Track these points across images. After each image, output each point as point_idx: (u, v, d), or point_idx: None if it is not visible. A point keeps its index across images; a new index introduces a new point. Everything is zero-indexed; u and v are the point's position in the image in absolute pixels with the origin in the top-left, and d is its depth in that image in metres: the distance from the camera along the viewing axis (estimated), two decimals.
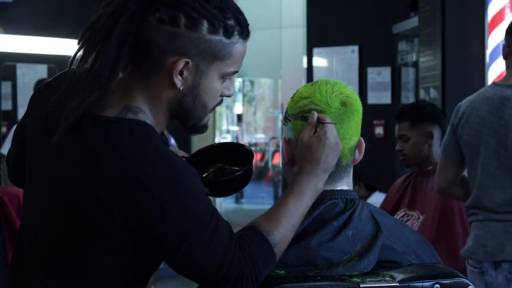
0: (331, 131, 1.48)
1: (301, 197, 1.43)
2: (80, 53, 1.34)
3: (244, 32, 1.39)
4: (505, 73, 2.59)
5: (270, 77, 10.43)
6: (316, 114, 1.50)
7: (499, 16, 3.95)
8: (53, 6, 5.67)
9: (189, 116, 1.40)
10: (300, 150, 1.49)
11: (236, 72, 1.43)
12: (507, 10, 3.94)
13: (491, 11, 3.96)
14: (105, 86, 1.32)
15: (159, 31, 1.32)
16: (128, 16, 1.32)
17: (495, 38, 3.96)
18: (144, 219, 1.28)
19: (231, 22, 1.36)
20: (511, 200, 2.43)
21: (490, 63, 3.97)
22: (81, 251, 1.34)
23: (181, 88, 1.36)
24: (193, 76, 1.36)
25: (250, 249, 1.34)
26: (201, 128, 1.44)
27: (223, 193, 1.64)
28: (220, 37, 1.35)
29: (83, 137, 1.32)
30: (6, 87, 5.97)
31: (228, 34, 1.36)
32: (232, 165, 1.63)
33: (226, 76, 1.40)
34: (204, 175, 1.62)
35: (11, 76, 5.96)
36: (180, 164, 1.32)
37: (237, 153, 1.64)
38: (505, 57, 2.57)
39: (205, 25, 1.33)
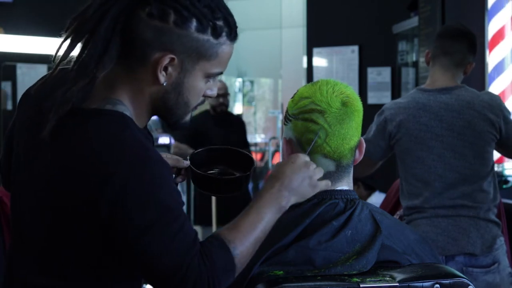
0: (317, 174, 1.47)
1: (261, 210, 1.40)
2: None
3: (232, 33, 1.39)
4: (429, 78, 2.72)
5: (270, 77, 10.42)
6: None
7: (500, 15, 3.95)
8: (53, 6, 5.66)
9: (171, 113, 1.40)
10: (283, 164, 1.47)
11: (221, 73, 1.43)
12: (506, 7, 3.95)
13: (491, 10, 3.96)
14: (90, 77, 1.32)
15: (147, 25, 1.33)
16: (118, 8, 1.32)
17: (495, 37, 3.96)
18: (112, 207, 1.27)
19: (220, 23, 1.36)
20: (458, 201, 2.55)
21: (490, 62, 3.98)
22: (64, 246, 1.33)
23: (164, 84, 1.36)
24: (177, 73, 1.36)
25: (211, 256, 1.32)
26: (183, 126, 1.44)
27: (221, 192, 1.65)
28: (208, 37, 1.35)
29: (64, 130, 1.32)
30: (6, 87, 5.96)
31: (216, 34, 1.36)
32: (233, 169, 1.66)
33: (211, 77, 1.40)
34: (210, 172, 1.64)
35: (11, 76, 5.96)
36: (154, 155, 1.32)
37: (238, 159, 1.66)
38: (427, 62, 2.73)
39: (194, 23, 1.33)
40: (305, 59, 5.91)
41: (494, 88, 3.93)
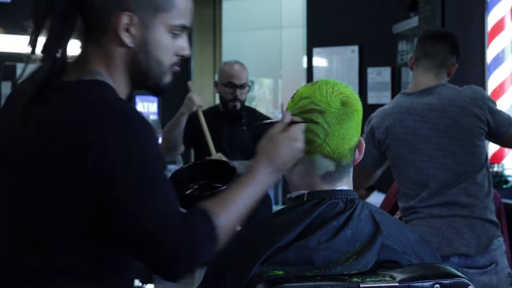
0: (298, 133, 1.49)
1: (251, 187, 1.43)
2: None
3: None
4: (412, 81, 2.73)
5: (270, 77, 10.42)
6: (288, 115, 1.52)
7: (499, 6, 3.95)
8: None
9: (147, 75, 1.42)
10: (263, 142, 1.50)
11: (185, 27, 1.44)
12: (508, 6, 3.95)
13: (491, 9, 3.96)
14: (54, 56, 1.36)
15: None
16: None
17: (495, 36, 3.96)
18: (98, 165, 1.27)
19: None
20: (453, 198, 2.55)
21: (490, 61, 3.98)
22: (44, 221, 1.32)
23: (131, 46, 1.38)
24: (140, 32, 1.38)
25: (194, 227, 1.32)
26: (164, 88, 1.46)
27: None
28: None
29: (46, 100, 1.34)
30: (6, 87, 5.96)
31: None
32: (216, 182, 1.65)
33: (175, 30, 1.42)
34: (188, 192, 1.63)
35: (11, 76, 5.96)
36: (141, 119, 1.33)
37: (221, 170, 1.66)
38: (411, 67, 2.74)
39: None
40: (305, 59, 5.91)
41: (494, 79, 3.93)
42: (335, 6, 5.64)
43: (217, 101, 4.00)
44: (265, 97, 10.70)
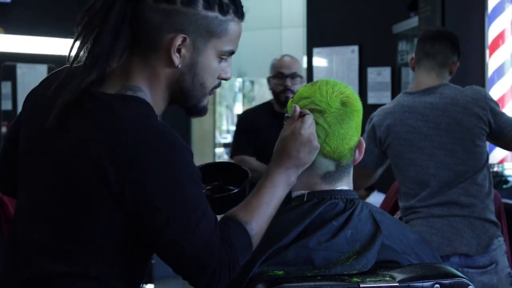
0: (307, 127, 1.48)
1: (274, 189, 1.44)
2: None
3: (239, 11, 1.42)
4: (414, 81, 2.73)
5: None
6: (298, 108, 1.51)
7: (500, 18, 3.95)
8: (53, 6, 5.66)
9: (188, 95, 1.42)
10: (278, 142, 1.50)
11: (233, 52, 1.45)
12: (507, 6, 3.95)
13: (492, 14, 3.96)
14: (103, 67, 1.34)
15: (155, 10, 1.35)
16: None
17: (495, 37, 3.96)
18: (138, 190, 1.28)
19: (226, 1, 1.39)
20: (453, 198, 2.54)
21: (490, 66, 3.97)
22: (76, 229, 1.33)
23: (179, 66, 1.38)
24: (190, 53, 1.38)
25: (230, 240, 1.34)
26: (201, 110, 1.46)
27: (217, 211, 1.65)
28: (215, 14, 1.38)
29: (86, 111, 1.33)
30: (6, 87, 5.96)
31: (224, 11, 1.38)
32: (229, 184, 1.66)
33: (223, 55, 1.42)
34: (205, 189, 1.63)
35: (11, 76, 5.96)
36: (181, 143, 1.33)
37: (234, 172, 1.66)
38: (412, 68, 2.75)
39: (200, 1, 1.36)
40: (305, 59, 5.90)
41: (495, 91, 3.92)
42: (335, 6, 5.63)
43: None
44: (265, 97, 10.69)
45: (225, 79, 1.47)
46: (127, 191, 1.28)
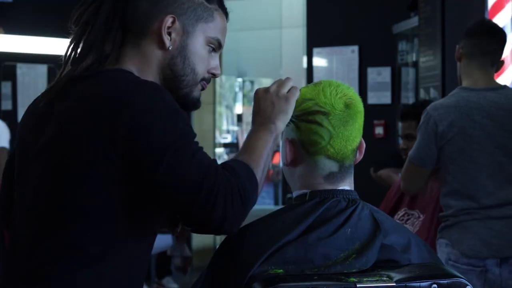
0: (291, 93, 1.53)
1: (265, 139, 1.45)
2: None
3: (223, 7, 1.50)
4: (468, 77, 2.66)
5: (270, 77, 10.42)
6: (290, 78, 1.58)
7: (500, 15, 3.95)
8: (53, 6, 5.67)
9: (180, 81, 1.45)
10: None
11: (220, 43, 1.49)
12: (506, 7, 3.95)
13: (491, 11, 3.96)
14: (97, 52, 1.39)
15: None
16: None
17: None
18: (128, 135, 1.29)
19: None
20: (510, 198, 2.52)
21: None
22: (74, 200, 1.33)
23: (170, 48, 1.43)
24: (180, 36, 1.43)
25: (233, 167, 1.34)
26: (194, 101, 1.49)
27: None
28: (201, 0, 1.45)
29: (79, 84, 1.38)
30: (6, 87, 5.97)
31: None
32: None
33: (211, 43, 1.47)
34: None
35: (11, 76, 5.96)
36: (171, 98, 1.36)
37: None
38: (458, 59, 2.68)
39: None
40: (305, 59, 5.91)
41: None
42: (335, 6, 5.63)
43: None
44: None
45: (215, 75, 1.51)
46: (118, 140, 1.29)
